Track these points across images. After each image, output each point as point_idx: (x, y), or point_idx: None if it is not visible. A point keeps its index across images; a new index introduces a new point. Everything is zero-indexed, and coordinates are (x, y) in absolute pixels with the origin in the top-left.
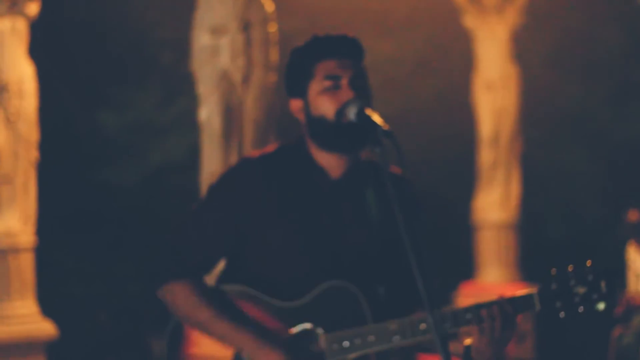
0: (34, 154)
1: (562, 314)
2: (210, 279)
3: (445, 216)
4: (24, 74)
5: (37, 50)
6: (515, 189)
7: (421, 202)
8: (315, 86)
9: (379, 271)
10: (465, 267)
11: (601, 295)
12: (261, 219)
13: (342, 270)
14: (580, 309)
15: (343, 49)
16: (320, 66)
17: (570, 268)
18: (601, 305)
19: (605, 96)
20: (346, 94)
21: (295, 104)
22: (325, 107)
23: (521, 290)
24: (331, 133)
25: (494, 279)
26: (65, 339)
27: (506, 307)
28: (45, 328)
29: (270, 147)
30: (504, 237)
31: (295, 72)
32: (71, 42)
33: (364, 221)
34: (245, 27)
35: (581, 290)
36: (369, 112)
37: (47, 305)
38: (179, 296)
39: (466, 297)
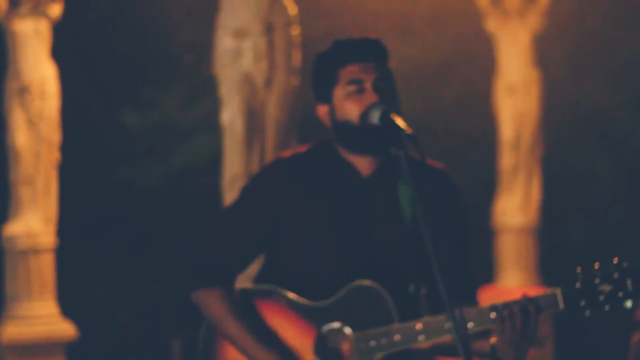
0: (55, 155)
1: (587, 313)
2: (247, 278)
3: (468, 215)
4: (46, 76)
5: (61, 52)
6: (536, 192)
7: (461, 197)
8: (340, 91)
9: (411, 270)
10: (485, 271)
11: (627, 294)
12: (294, 218)
13: (374, 269)
14: (607, 307)
15: (365, 53)
16: (344, 71)
17: (596, 266)
18: (629, 304)
19: (627, 99)
20: (370, 97)
21: (322, 110)
22: (350, 111)
23: (545, 290)
24: (356, 136)
25: (514, 283)
26: (85, 339)
27: (529, 307)
28: (66, 329)
29: (302, 147)
30: (524, 241)
31: (320, 79)
32: (94, 43)
33: (397, 218)
34: (268, 30)
35: (607, 288)
36: (392, 115)
37: (68, 306)
38: (210, 305)
39: (486, 300)
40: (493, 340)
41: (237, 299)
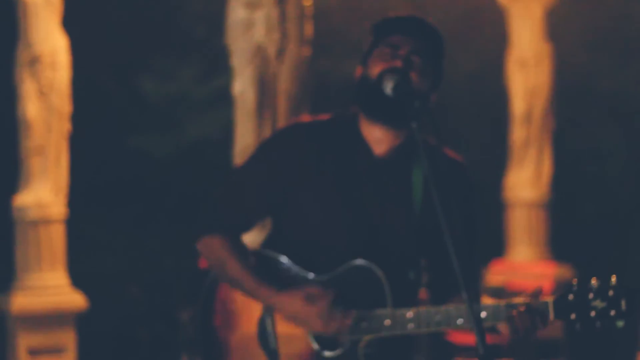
0: (66, 126)
1: (578, 326)
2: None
3: (477, 194)
4: (57, 46)
5: (72, 22)
6: (547, 167)
7: (474, 187)
8: (377, 52)
9: (413, 254)
10: (495, 244)
11: (620, 313)
12: (300, 185)
13: (375, 250)
14: (598, 324)
15: (414, 28)
16: (388, 38)
17: (593, 281)
18: (620, 323)
19: (639, 74)
20: (395, 62)
21: (358, 70)
22: (374, 68)
23: (537, 298)
24: (368, 93)
25: (524, 257)
26: (95, 310)
27: (522, 317)
28: (76, 299)
29: (324, 116)
30: (535, 215)
31: (368, 44)
32: (105, 13)
33: (405, 202)
34: (280, 0)
35: (600, 304)
36: (406, 87)
37: (78, 277)
38: (212, 249)
39: (496, 274)
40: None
41: (243, 246)
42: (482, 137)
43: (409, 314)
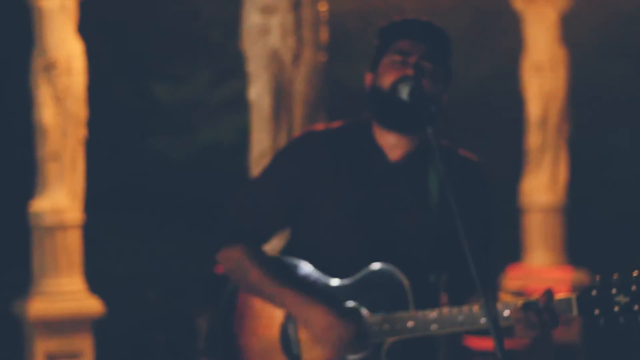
0: (82, 131)
1: (602, 322)
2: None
3: (493, 191)
4: (72, 52)
5: (87, 27)
6: (563, 171)
7: (492, 188)
8: (386, 59)
9: (432, 257)
10: (512, 250)
11: None
12: (318, 192)
13: (394, 254)
14: (621, 319)
15: (422, 33)
16: (396, 44)
17: (615, 276)
18: None
19: None
20: (407, 70)
21: (368, 78)
22: (386, 78)
23: (561, 294)
24: (383, 104)
25: (541, 262)
26: (111, 315)
27: (543, 316)
28: (92, 305)
29: (336, 123)
30: (551, 220)
31: (375, 49)
32: (120, 19)
33: (422, 206)
34: (296, 6)
35: (623, 299)
36: (421, 92)
37: (95, 282)
38: (233, 259)
39: (513, 279)
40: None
41: (264, 254)
42: (498, 142)
43: (432, 315)
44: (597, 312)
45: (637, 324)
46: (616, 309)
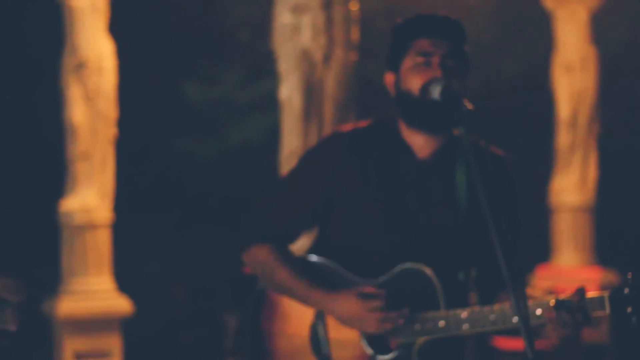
0: (112, 131)
1: (634, 320)
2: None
3: (523, 198)
4: (103, 51)
5: (118, 27)
6: (592, 171)
7: (519, 185)
8: (408, 61)
9: (462, 255)
10: (541, 249)
11: None
12: (345, 193)
13: (423, 253)
14: None
15: (441, 29)
16: (416, 43)
17: None
18: None
19: None
20: (434, 71)
21: (389, 78)
22: (413, 82)
23: (593, 292)
24: (415, 109)
25: (570, 262)
26: (140, 314)
27: (576, 316)
28: (121, 304)
29: (363, 123)
30: (580, 220)
31: (393, 47)
32: (151, 18)
33: (451, 203)
34: (327, 5)
35: None
36: (453, 91)
37: (124, 282)
38: (260, 258)
39: (542, 279)
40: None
41: (290, 254)
42: (528, 141)
43: (464, 314)
44: (629, 310)
45: None
46: None
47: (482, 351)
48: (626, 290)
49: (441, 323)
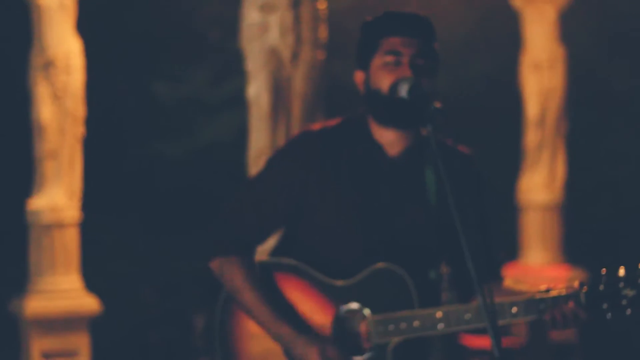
0: (80, 130)
1: (609, 316)
2: (264, 253)
3: (490, 196)
4: (71, 50)
5: (86, 25)
6: (560, 170)
7: (486, 182)
8: (378, 60)
9: (433, 254)
10: (509, 248)
11: None
12: (316, 193)
13: (395, 252)
14: (628, 311)
15: (411, 27)
16: (385, 41)
17: (621, 270)
18: None
19: None
20: (404, 71)
21: (359, 76)
22: (383, 81)
23: (568, 288)
24: (383, 107)
25: (538, 260)
26: (108, 314)
27: (562, 308)
28: (89, 303)
29: (332, 121)
30: (548, 219)
31: (362, 45)
32: (119, 17)
33: (421, 201)
34: (295, 4)
35: (630, 293)
36: (421, 90)
37: (92, 281)
38: (227, 273)
39: (510, 278)
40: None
41: (256, 269)
42: (496, 140)
43: (438, 313)
44: (605, 306)
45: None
46: (624, 302)
47: (451, 350)
48: (601, 287)
49: (415, 323)
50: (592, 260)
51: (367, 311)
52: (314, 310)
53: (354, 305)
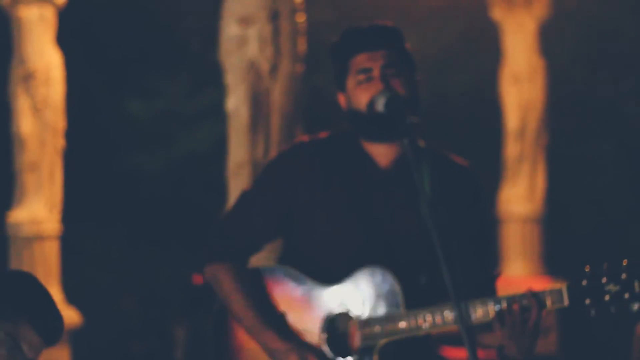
0: (60, 142)
1: (592, 312)
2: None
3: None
4: (51, 62)
5: (66, 38)
6: (540, 182)
7: (484, 193)
8: (351, 81)
9: (424, 260)
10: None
11: (634, 296)
12: (309, 204)
13: (387, 259)
14: (612, 308)
15: (373, 41)
16: (354, 61)
17: (604, 265)
18: (635, 307)
19: (632, 88)
20: (376, 85)
21: (341, 99)
22: (360, 99)
23: (551, 285)
24: (365, 124)
25: (518, 272)
26: (89, 326)
27: (530, 302)
28: (70, 316)
29: (323, 134)
30: (529, 230)
31: (335, 68)
32: (99, 30)
33: (413, 209)
34: (274, 17)
35: (613, 288)
36: (397, 103)
37: (72, 293)
38: (219, 280)
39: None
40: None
41: (248, 276)
42: (476, 152)
43: (423, 314)
44: (587, 301)
45: (627, 312)
46: (607, 298)
47: None
48: (584, 282)
49: (402, 324)
50: (572, 273)
51: (354, 312)
52: (304, 315)
53: (342, 307)
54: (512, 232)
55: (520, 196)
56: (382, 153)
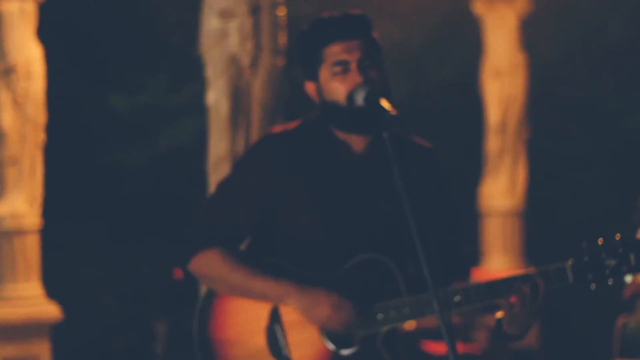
0: (41, 136)
1: (593, 286)
2: None
3: (456, 190)
4: (31, 56)
5: (47, 32)
6: (521, 176)
7: (447, 172)
8: (326, 71)
9: (407, 245)
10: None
11: (630, 268)
12: (287, 193)
13: (373, 243)
14: (610, 281)
15: (348, 30)
16: (328, 51)
17: (600, 241)
18: (629, 278)
19: (614, 84)
20: (355, 77)
21: (310, 87)
22: (337, 91)
23: (554, 263)
24: (344, 117)
25: (499, 266)
26: (70, 321)
27: (539, 281)
28: (50, 310)
29: (293, 124)
30: (509, 225)
31: (305, 57)
32: (80, 24)
33: (390, 194)
34: (254, 10)
35: (612, 263)
36: (377, 95)
37: (53, 288)
38: (213, 262)
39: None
40: (499, 314)
41: (241, 256)
42: (457, 146)
43: (428, 298)
44: (590, 277)
45: (621, 284)
46: (606, 272)
47: (413, 355)
48: (585, 259)
49: (405, 310)
50: (576, 256)
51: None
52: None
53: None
54: (493, 226)
55: (501, 190)
56: (355, 140)
